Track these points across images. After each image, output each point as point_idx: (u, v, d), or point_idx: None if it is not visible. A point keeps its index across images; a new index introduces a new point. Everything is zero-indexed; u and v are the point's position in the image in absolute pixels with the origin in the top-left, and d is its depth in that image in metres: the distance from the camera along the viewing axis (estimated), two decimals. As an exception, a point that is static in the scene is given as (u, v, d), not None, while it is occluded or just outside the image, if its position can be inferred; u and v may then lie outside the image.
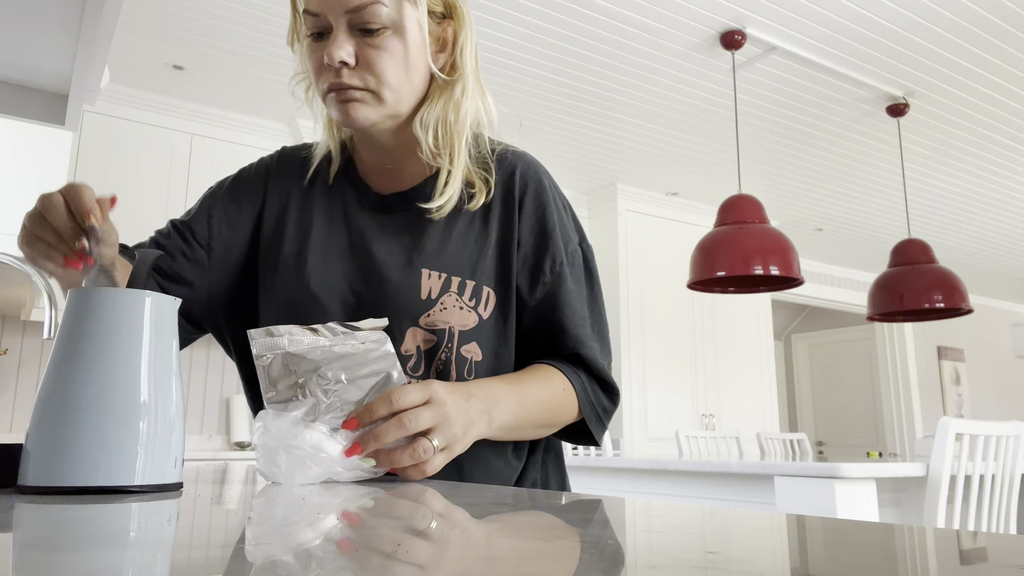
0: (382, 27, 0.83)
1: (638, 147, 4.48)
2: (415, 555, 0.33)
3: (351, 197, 0.96)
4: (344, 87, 0.84)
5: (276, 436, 0.72)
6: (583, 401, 0.93)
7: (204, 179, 3.92)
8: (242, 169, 1.02)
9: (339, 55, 0.82)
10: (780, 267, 2.97)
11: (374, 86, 0.84)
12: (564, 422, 0.95)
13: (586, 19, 3.16)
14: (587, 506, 0.54)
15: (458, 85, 0.90)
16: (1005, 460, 2.46)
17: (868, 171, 4.79)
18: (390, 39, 0.83)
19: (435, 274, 0.90)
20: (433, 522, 0.45)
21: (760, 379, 5.56)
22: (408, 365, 0.88)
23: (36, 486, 0.57)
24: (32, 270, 0.86)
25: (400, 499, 0.58)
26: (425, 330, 0.88)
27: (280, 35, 3.26)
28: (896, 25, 3.21)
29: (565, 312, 0.94)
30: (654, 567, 0.31)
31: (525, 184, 0.95)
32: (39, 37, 0.92)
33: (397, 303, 0.89)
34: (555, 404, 0.91)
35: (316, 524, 0.44)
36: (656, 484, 2.77)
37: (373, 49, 0.83)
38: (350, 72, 0.83)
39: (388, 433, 0.72)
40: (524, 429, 0.90)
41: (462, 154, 0.91)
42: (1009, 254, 6.64)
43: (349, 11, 0.82)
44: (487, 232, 0.93)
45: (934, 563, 0.35)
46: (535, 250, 0.94)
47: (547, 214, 0.95)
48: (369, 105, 0.85)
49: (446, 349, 0.88)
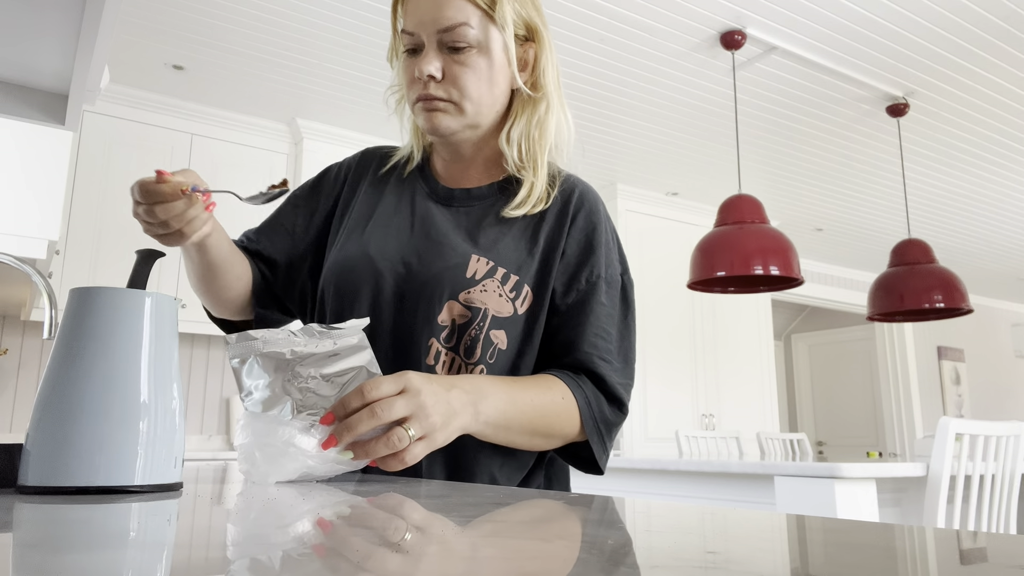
0: (468, 46, 0.93)
1: (638, 147, 4.48)
2: (415, 555, 0.33)
3: (420, 188, 1.04)
4: (430, 98, 0.94)
5: (253, 435, 0.73)
6: (585, 414, 0.92)
7: (204, 179, 3.91)
8: (328, 166, 1.13)
9: (428, 69, 0.92)
10: (780, 267, 2.97)
11: (457, 98, 0.94)
12: (562, 434, 0.93)
13: (586, 19, 3.16)
14: (587, 506, 0.54)
15: (542, 104, 0.99)
16: (1005, 460, 2.46)
17: (868, 171, 4.79)
18: (475, 57, 0.93)
19: (484, 260, 0.95)
20: (432, 522, 0.45)
21: (760, 379, 5.56)
22: (442, 335, 0.93)
23: (36, 486, 0.57)
24: (32, 270, 0.86)
25: (399, 499, 0.58)
26: (463, 305, 0.93)
27: (280, 35, 3.26)
28: (896, 25, 3.21)
29: (590, 320, 0.96)
30: (654, 567, 0.31)
31: (582, 204, 1.01)
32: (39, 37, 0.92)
33: (444, 275, 0.94)
34: (551, 411, 0.90)
35: (316, 524, 0.44)
36: (656, 484, 2.77)
37: (459, 65, 0.93)
38: (437, 85, 0.93)
39: (361, 423, 0.73)
40: (516, 432, 0.88)
41: (544, 168, 0.99)
42: (1009, 254, 6.64)
43: (440, 31, 0.92)
44: (537, 240, 0.98)
45: (934, 563, 0.35)
46: (577, 260, 0.99)
47: (596, 233, 1.01)
48: (451, 115, 0.95)
49: (477, 327, 0.93)
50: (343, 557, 0.32)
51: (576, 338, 0.95)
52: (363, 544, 0.36)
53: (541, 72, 0.99)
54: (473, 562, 0.31)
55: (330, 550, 0.34)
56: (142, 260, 0.68)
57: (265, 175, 4.09)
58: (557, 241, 0.98)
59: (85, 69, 0.94)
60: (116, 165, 3.73)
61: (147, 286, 0.67)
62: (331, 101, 3.87)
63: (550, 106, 0.99)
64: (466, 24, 0.91)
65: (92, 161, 3.67)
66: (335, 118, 4.05)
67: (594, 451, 0.94)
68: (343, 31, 3.24)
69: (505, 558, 0.32)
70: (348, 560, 0.32)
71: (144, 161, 3.79)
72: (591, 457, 0.95)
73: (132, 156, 3.78)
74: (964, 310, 3.64)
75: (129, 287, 0.65)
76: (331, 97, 3.83)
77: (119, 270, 3.62)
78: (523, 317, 0.95)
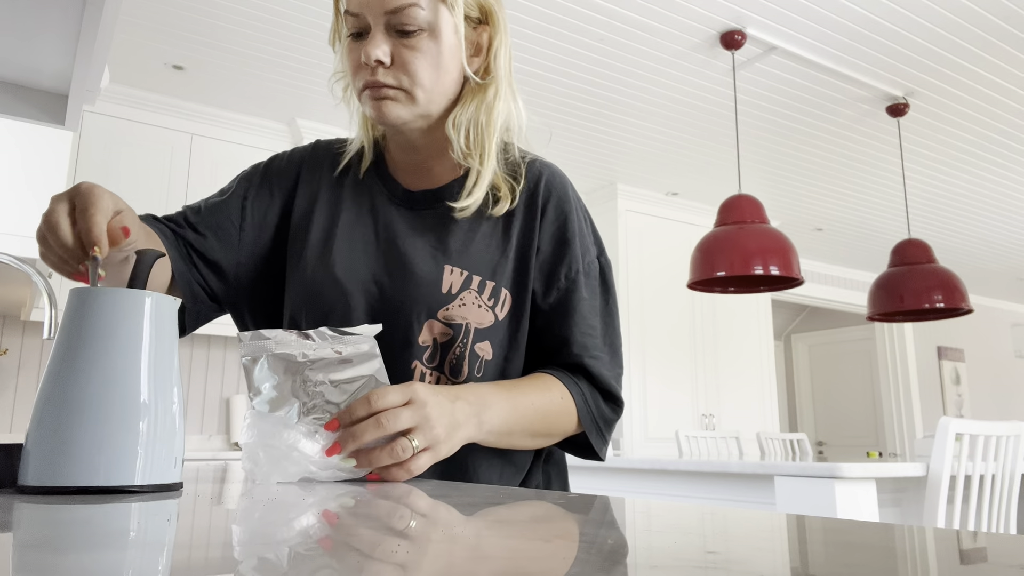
0: (418, 29, 0.86)
1: (638, 147, 4.48)
2: (415, 555, 0.33)
3: (380, 192, 0.98)
4: (379, 85, 0.87)
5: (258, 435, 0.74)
6: (583, 412, 0.92)
7: (204, 179, 3.92)
8: (275, 156, 1.04)
9: (375, 54, 0.85)
10: (780, 267, 2.97)
11: (407, 85, 0.87)
12: (562, 432, 0.93)
13: (586, 19, 3.16)
14: (587, 506, 0.54)
15: (491, 88, 0.93)
16: (1005, 460, 2.46)
17: (868, 171, 4.79)
18: (425, 41, 0.87)
19: (457, 271, 0.92)
20: (432, 522, 0.45)
21: (760, 379, 5.56)
22: (424, 356, 0.90)
23: (36, 486, 0.57)
24: (32, 270, 0.86)
25: (396, 499, 0.58)
26: (443, 323, 0.90)
27: (280, 35, 3.26)
28: (896, 25, 3.21)
29: (575, 319, 0.94)
30: (654, 567, 0.31)
31: (549, 192, 0.97)
32: (39, 37, 0.92)
33: (418, 294, 0.91)
34: (551, 412, 0.90)
35: (315, 524, 0.44)
36: (656, 484, 2.77)
37: (408, 50, 0.86)
38: (385, 71, 0.87)
39: (366, 433, 0.73)
40: (518, 436, 0.89)
41: (492, 156, 0.93)
42: (1009, 254, 6.64)
43: (387, 12, 0.85)
44: (509, 237, 0.95)
45: (934, 563, 0.35)
46: (552, 257, 0.96)
47: (568, 223, 0.97)
48: (402, 104, 0.88)
49: (461, 344, 0.90)
50: (343, 558, 0.32)
51: (564, 338, 0.94)
52: (362, 545, 0.36)
53: (493, 56, 0.93)
54: (472, 562, 0.31)
55: (330, 551, 0.34)
56: (142, 260, 0.68)
57: (265, 175, 4.08)
58: (530, 238, 0.95)
59: (85, 69, 0.94)
60: (116, 165, 3.73)
61: (147, 286, 0.67)
62: (331, 101, 3.87)
63: (499, 92, 0.93)
64: (416, 5, 0.85)
65: (92, 161, 3.67)
66: (335, 118, 4.05)
67: (594, 445, 0.95)
68: (343, 31, 3.24)
69: (505, 558, 0.32)
70: (348, 564, 0.32)
71: (144, 161, 3.79)
72: (590, 445, 0.96)
73: (132, 156, 3.77)
74: (964, 310, 3.64)
75: (129, 287, 0.65)
76: (331, 97, 3.82)
77: (119, 270, 3.61)
78: (504, 322, 0.93)
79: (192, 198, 3.86)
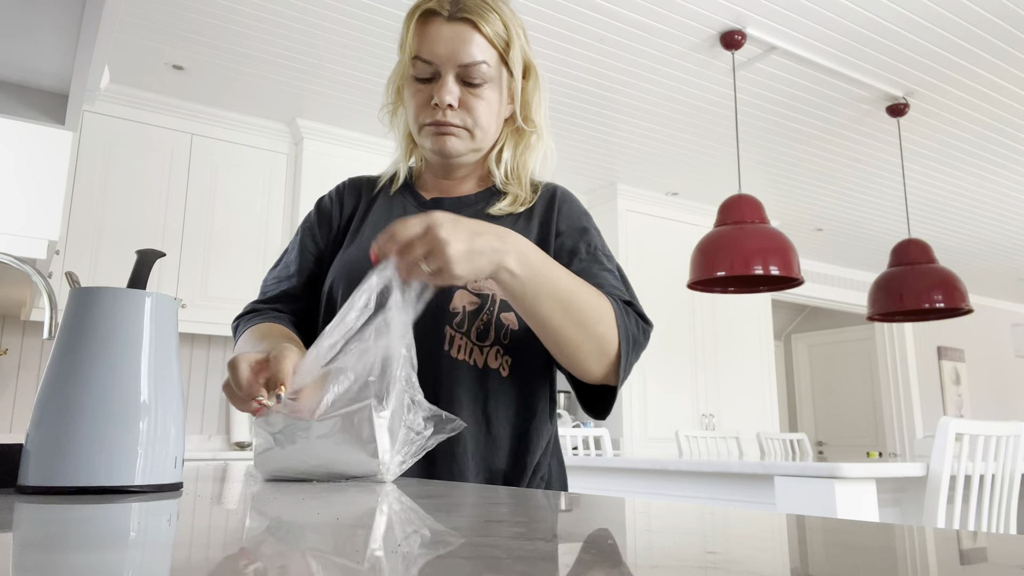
0: (484, 82, 1.01)
1: (638, 147, 4.47)
2: (414, 555, 0.33)
3: (410, 200, 1.12)
4: (446, 124, 1.02)
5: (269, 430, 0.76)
6: (620, 320, 0.93)
7: (204, 179, 3.92)
8: (320, 199, 1.18)
9: (447, 99, 1.00)
10: (780, 267, 2.97)
11: (470, 126, 1.03)
12: (595, 330, 0.92)
13: (586, 19, 3.16)
14: (587, 506, 0.54)
15: (533, 135, 1.10)
16: (1005, 460, 2.46)
17: (868, 171, 4.79)
18: (487, 91, 1.03)
19: None
20: (432, 523, 0.45)
21: (760, 379, 5.56)
22: (454, 321, 0.98)
23: (36, 486, 0.57)
24: (32, 270, 0.86)
25: (396, 500, 0.58)
26: (471, 293, 0.99)
27: (280, 35, 3.26)
28: (896, 25, 3.21)
29: (599, 281, 0.99)
30: (654, 567, 0.31)
31: (564, 199, 1.10)
32: (39, 37, 0.91)
33: None
34: (585, 300, 0.91)
35: (315, 525, 0.44)
36: (656, 484, 2.77)
37: (474, 97, 1.02)
38: (452, 112, 1.01)
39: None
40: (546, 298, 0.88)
41: (526, 183, 1.10)
42: (1009, 254, 6.64)
43: (460, 65, 1.00)
44: (530, 226, 1.06)
45: (934, 563, 0.35)
46: (572, 237, 1.06)
47: (584, 221, 1.09)
48: (462, 140, 1.04)
49: (487, 312, 0.99)
50: (343, 558, 0.32)
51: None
52: (362, 545, 0.36)
53: (535, 105, 1.09)
54: (471, 562, 0.31)
55: (330, 551, 0.34)
56: (142, 260, 0.68)
57: (265, 175, 4.08)
58: (549, 226, 1.06)
59: (85, 69, 0.93)
60: (116, 165, 3.73)
61: (147, 286, 0.67)
62: (332, 101, 3.87)
63: (540, 138, 1.10)
64: (484, 63, 1.00)
65: (92, 161, 3.67)
66: (335, 118, 4.05)
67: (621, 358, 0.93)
68: (344, 31, 3.24)
69: (504, 558, 0.32)
70: (347, 561, 0.32)
71: (144, 161, 3.79)
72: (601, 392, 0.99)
73: (132, 156, 3.77)
74: (964, 310, 3.64)
75: (129, 287, 0.65)
76: (332, 97, 3.83)
77: (119, 270, 3.62)
78: None
79: (192, 198, 3.86)
